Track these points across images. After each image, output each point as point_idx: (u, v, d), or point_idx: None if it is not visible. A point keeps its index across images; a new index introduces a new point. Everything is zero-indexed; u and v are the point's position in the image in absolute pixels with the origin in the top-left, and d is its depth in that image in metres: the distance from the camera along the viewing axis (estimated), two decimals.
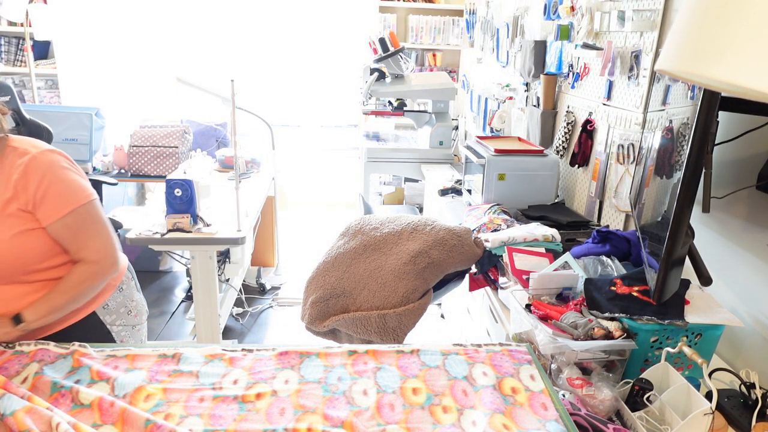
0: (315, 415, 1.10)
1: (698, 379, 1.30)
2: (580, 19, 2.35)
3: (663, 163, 1.52)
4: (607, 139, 2.19)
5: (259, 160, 3.74)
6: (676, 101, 1.66)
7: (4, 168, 1.33)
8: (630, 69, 2.02)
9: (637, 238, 1.63)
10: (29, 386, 1.16)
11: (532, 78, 2.87)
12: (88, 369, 1.22)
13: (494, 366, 1.26)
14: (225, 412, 1.12)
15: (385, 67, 3.76)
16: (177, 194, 2.50)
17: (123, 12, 4.64)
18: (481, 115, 3.88)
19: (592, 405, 1.19)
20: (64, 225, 1.37)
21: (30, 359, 1.25)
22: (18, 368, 1.23)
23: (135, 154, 3.53)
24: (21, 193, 1.32)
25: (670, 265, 1.28)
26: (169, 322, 3.41)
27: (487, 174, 2.41)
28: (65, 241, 1.40)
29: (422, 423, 1.10)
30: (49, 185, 1.34)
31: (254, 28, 4.89)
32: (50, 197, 1.34)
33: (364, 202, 3.33)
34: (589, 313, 1.43)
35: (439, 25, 4.95)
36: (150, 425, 1.04)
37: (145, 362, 1.27)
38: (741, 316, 1.51)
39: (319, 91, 5.19)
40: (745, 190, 1.50)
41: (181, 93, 4.17)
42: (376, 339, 1.79)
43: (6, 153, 1.34)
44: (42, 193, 1.33)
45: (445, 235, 1.92)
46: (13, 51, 4.63)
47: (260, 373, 1.24)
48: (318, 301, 1.90)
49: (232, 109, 2.49)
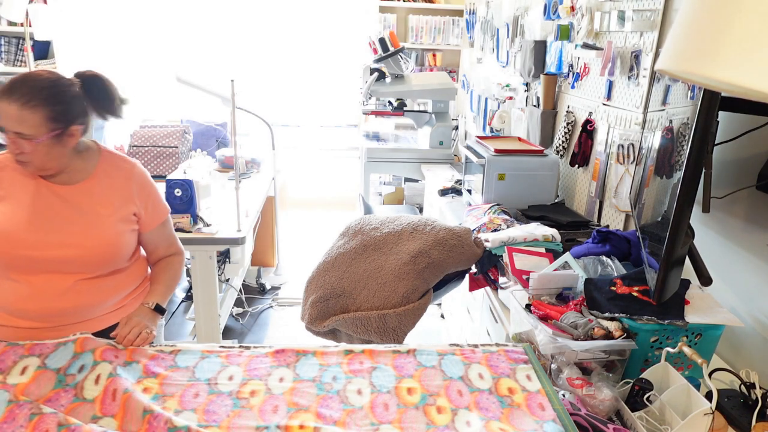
0: (308, 413, 1.11)
1: (698, 379, 1.30)
2: (580, 19, 2.35)
3: (663, 163, 1.52)
4: (607, 139, 2.19)
5: (259, 160, 3.74)
6: (676, 101, 1.66)
7: (111, 171, 1.53)
8: (630, 69, 2.02)
9: (637, 238, 1.63)
10: (29, 379, 1.17)
11: (532, 78, 2.87)
12: (91, 352, 1.23)
13: (490, 366, 1.26)
14: (219, 408, 1.12)
15: (385, 67, 3.76)
16: (177, 194, 2.50)
17: (123, 12, 4.64)
18: (481, 115, 3.88)
19: (592, 405, 1.19)
20: (161, 229, 1.64)
21: (27, 352, 1.25)
22: (15, 359, 1.23)
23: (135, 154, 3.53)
24: (135, 197, 1.54)
25: (670, 265, 1.28)
26: (169, 322, 3.41)
27: (487, 174, 2.41)
28: (160, 241, 1.66)
29: (416, 423, 1.10)
30: (154, 197, 1.60)
31: (254, 28, 4.89)
32: (154, 207, 1.60)
33: (364, 202, 3.33)
34: (589, 313, 1.43)
35: (439, 25, 4.95)
36: (147, 416, 1.05)
37: (143, 356, 1.28)
38: (741, 316, 1.51)
39: (319, 91, 5.19)
40: (745, 190, 1.50)
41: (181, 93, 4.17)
42: (376, 339, 1.79)
43: (104, 156, 1.54)
44: (151, 204, 1.59)
45: (445, 235, 1.92)
46: (13, 51, 4.63)
47: (255, 371, 1.24)
48: (318, 301, 1.90)
49: (232, 109, 2.49)
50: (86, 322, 1.51)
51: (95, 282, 1.50)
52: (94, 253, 1.46)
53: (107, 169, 1.52)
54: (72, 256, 1.43)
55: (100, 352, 1.25)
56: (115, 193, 1.52)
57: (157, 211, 1.61)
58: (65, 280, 1.45)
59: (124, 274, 1.58)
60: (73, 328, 1.46)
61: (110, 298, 1.55)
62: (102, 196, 1.49)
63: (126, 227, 1.53)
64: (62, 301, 1.45)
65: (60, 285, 1.44)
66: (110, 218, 1.49)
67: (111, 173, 1.53)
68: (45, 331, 1.45)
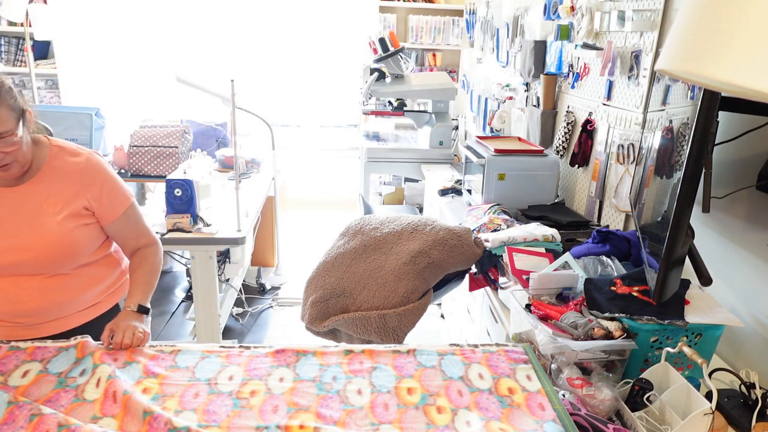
0: (308, 413, 1.11)
1: (698, 379, 1.30)
2: (580, 19, 2.35)
3: (663, 163, 1.52)
4: (607, 139, 2.19)
5: (259, 160, 3.74)
6: (676, 101, 1.66)
7: (60, 166, 1.48)
8: (630, 69, 2.02)
9: (637, 238, 1.63)
10: (30, 382, 1.17)
11: (532, 78, 2.87)
12: (91, 355, 1.24)
13: (490, 366, 1.26)
14: (219, 408, 1.13)
15: (385, 67, 3.76)
16: (177, 194, 2.50)
17: (123, 12, 4.64)
18: (481, 115, 3.88)
19: (592, 405, 1.19)
20: (125, 220, 1.56)
21: (29, 356, 1.26)
22: (17, 363, 1.23)
23: (135, 154, 3.53)
24: (85, 191, 1.49)
25: (670, 265, 1.28)
26: (169, 322, 3.41)
27: (487, 174, 2.41)
28: (126, 233, 1.59)
29: (416, 423, 1.10)
30: (109, 188, 1.53)
31: (254, 28, 4.89)
32: (110, 198, 1.53)
33: (364, 202, 3.33)
34: (589, 313, 1.43)
35: (439, 25, 4.95)
36: (148, 417, 1.05)
37: (143, 357, 1.28)
38: (741, 316, 1.51)
39: (319, 91, 5.19)
40: (745, 190, 1.50)
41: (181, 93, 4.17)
42: (376, 339, 1.79)
43: (53, 152, 1.50)
44: (106, 196, 1.52)
45: (445, 235, 1.92)
46: (13, 51, 4.63)
47: (255, 371, 1.24)
48: (318, 301, 1.90)
49: (232, 109, 2.49)
50: (61, 319, 1.51)
51: (61, 279, 1.48)
52: (45, 254, 1.43)
53: (56, 165, 1.48)
54: (25, 259, 1.41)
55: (100, 355, 1.25)
56: (63, 188, 1.47)
57: (114, 202, 1.54)
58: (28, 282, 1.44)
59: (93, 267, 1.55)
60: (49, 326, 1.48)
61: (83, 294, 1.53)
62: (49, 193, 1.45)
63: (76, 223, 1.47)
64: (31, 302, 1.45)
65: (24, 286, 1.44)
66: (56, 216, 1.45)
67: (59, 168, 1.48)
68: (20, 328, 1.46)
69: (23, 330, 1.47)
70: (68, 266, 1.49)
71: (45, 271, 1.45)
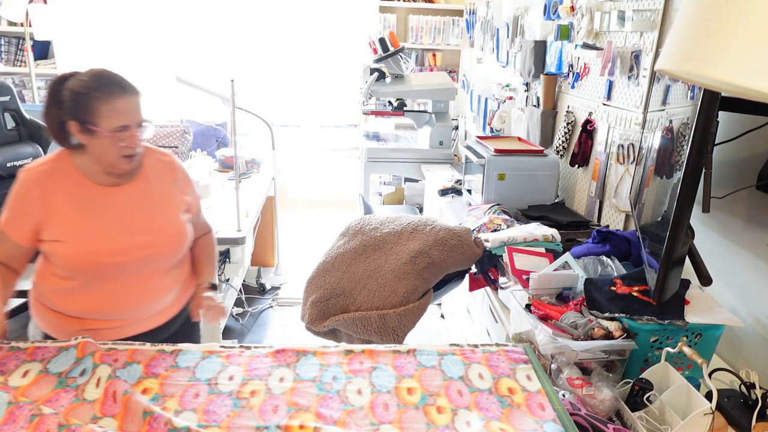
0: (308, 413, 1.11)
1: (698, 379, 1.30)
2: (580, 19, 2.35)
3: (663, 163, 1.52)
4: (607, 139, 2.19)
5: (259, 160, 3.74)
6: (676, 101, 1.66)
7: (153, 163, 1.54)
8: (630, 69, 2.02)
9: (637, 238, 1.63)
10: (30, 382, 1.17)
11: (532, 78, 2.87)
12: (91, 356, 1.24)
13: (490, 366, 1.26)
14: (219, 408, 1.13)
15: (385, 67, 3.75)
16: None
17: (123, 12, 4.64)
18: (481, 115, 3.88)
19: (592, 405, 1.19)
20: (199, 212, 1.68)
21: (29, 357, 1.26)
22: (17, 363, 1.23)
23: None
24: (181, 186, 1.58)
25: (670, 265, 1.28)
26: None
27: (487, 174, 2.41)
28: (198, 224, 1.68)
29: (416, 423, 1.10)
30: (192, 182, 1.64)
31: (254, 28, 4.88)
32: (194, 192, 1.64)
33: (364, 202, 3.33)
34: (589, 313, 1.43)
35: (439, 25, 4.95)
36: (148, 417, 1.05)
37: (143, 357, 1.28)
38: (741, 316, 1.51)
39: (319, 91, 5.19)
40: (745, 190, 1.50)
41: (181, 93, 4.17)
42: (376, 339, 1.79)
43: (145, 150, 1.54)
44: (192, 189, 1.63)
45: (445, 235, 1.92)
46: (13, 51, 4.63)
47: (256, 371, 1.24)
48: (318, 301, 1.90)
49: (232, 109, 2.49)
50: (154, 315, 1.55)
51: (166, 275, 1.54)
52: (171, 248, 1.50)
53: (150, 162, 1.53)
54: (154, 254, 1.46)
55: (100, 355, 1.25)
56: (164, 184, 1.54)
57: (196, 196, 1.65)
58: (147, 278, 1.48)
59: (182, 262, 1.61)
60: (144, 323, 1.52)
61: (173, 289, 1.58)
62: (155, 189, 1.51)
63: (185, 216, 1.57)
64: (143, 298, 1.49)
65: (143, 283, 1.47)
66: (170, 211, 1.52)
67: (154, 165, 1.54)
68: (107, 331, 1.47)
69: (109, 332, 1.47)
70: (177, 258, 1.56)
71: (163, 266, 1.50)
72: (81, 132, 1.35)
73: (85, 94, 1.32)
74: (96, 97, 1.32)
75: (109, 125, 1.33)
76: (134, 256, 1.43)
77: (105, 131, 1.33)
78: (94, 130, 1.33)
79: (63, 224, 1.39)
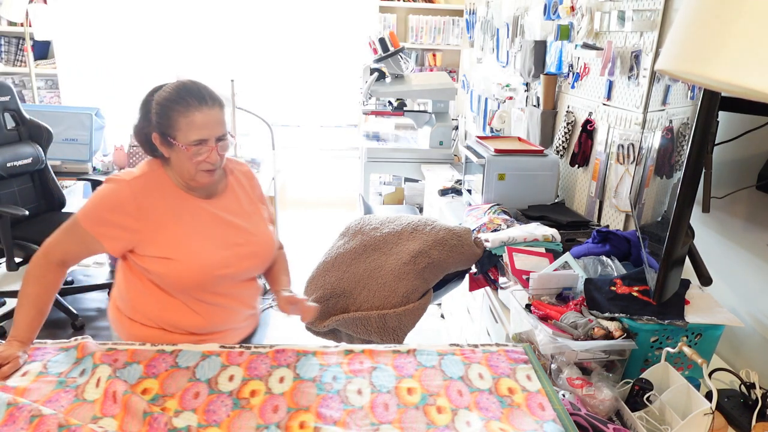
0: (308, 414, 1.11)
1: (698, 379, 1.30)
2: (580, 19, 2.35)
3: (663, 163, 1.52)
4: (607, 139, 2.19)
5: (260, 160, 3.74)
6: (676, 101, 1.66)
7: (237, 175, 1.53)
8: (630, 69, 2.02)
9: (637, 238, 1.63)
10: (30, 382, 1.17)
11: (532, 78, 2.87)
12: (91, 356, 1.24)
13: (490, 366, 1.26)
14: (219, 408, 1.13)
15: (385, 67, 3.75)
16: None
17: (123, 12, 4.64)
18: (481, 115, 3.88)
19: (592, 405, 1.19)
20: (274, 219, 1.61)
21: (29, 357, 1.26)
22: None
23: (135, 154, 3.53)
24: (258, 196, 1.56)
25: (670, 265, 1.28)
26: None
27: (487, 174, 2.41)
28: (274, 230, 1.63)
29: (416, 423, 1.10)
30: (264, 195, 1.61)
31: (254, 28, 4.88)
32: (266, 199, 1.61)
33: (364, 202, 3.33)
34: (589, 313, 1.43)
35: (439, 25, 4.95)
36: (148, 417, 1.05)
37: (143, 357, 1.28)
38: (741, 316, 1.51)
39: (319, 91, 5.19)
40: (745, 190, 1.50)
41: None
42: (376, 339, 1.79)
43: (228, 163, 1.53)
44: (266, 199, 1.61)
45: (445, 235, 1.92)
46: (13, 51, 4.63)
47: (256, 371, 1.24)
48: (318, 301, 1.90)
49: (232, 109, 2.49)
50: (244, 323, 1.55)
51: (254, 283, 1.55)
52: (267, 257, 1.50)
53: (235, 174, 1.53)
54: (255, 264, 1.47)
55: (100, 355, 1.25)
56: (246, 194, 1.53)
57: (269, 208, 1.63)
58: (244, 287, 1.49)
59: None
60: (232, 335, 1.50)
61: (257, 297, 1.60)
62: (245, 200, 1.51)
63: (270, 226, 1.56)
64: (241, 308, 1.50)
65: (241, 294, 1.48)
66: (262, 219, 1.53)
67: (237, 177, 1.53)
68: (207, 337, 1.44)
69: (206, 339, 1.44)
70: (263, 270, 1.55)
71: (255, 275, 1.51)
72: (162, 144, 1.34)
73: (166, 106, 1.30)
74: (175, 109, 1.29)
75: (186, 139, 1.30)
76: (240, 268, 1.42)
77: (182, 144, 1.31)
78: (173, 143, 1.31)
79: (169, 240, 1.35)
